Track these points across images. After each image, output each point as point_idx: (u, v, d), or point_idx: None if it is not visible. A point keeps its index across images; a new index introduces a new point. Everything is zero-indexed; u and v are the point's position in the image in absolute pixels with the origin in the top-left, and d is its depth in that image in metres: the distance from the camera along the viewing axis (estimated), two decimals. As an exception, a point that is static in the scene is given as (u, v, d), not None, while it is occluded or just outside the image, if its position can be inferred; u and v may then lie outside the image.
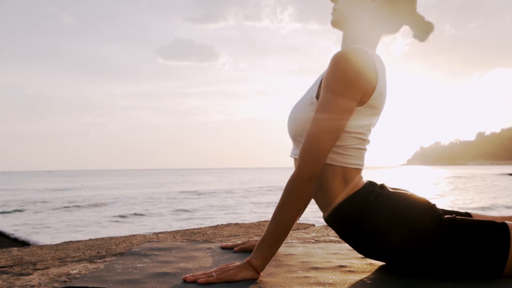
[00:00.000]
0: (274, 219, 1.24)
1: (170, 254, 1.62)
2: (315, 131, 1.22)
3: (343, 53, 1.23)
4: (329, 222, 1.38)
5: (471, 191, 28.45)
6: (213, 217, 16.07)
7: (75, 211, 18.52)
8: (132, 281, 1.22)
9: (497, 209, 17.44)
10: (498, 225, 1.21)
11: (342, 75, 1.21)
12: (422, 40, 1.39)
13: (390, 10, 1.36)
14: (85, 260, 1.57)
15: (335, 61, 1.23)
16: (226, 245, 1.75)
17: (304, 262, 1.47)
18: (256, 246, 1.25)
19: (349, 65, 1.21)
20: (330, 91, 1.22)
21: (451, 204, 19.35)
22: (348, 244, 1.37)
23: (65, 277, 1.31)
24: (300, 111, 1.35)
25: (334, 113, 1.22)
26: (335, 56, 1.24)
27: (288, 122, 1.41)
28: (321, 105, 1.23)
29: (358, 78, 1.22)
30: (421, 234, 1.22)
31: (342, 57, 1.22)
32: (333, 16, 1.42)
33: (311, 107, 1.31)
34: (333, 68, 1.23)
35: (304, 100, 1.37)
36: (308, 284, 1.19)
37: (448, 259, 1.20)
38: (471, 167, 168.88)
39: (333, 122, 1.22)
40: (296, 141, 1.39)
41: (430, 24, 1.38)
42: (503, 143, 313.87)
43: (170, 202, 22.65)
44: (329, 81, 1.23)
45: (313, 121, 1.24)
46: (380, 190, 1.32)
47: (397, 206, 1.26)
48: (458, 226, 1.22)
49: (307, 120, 1.29)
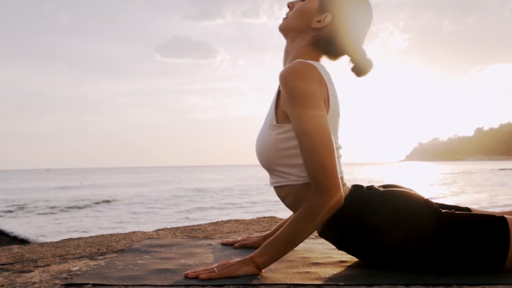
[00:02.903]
0: (289, 229, 1.22)
1: (171, 251, 1.62)
2: (311, 150, 1.20)
3: (289, 69, 1.23)
4: (324, 236, 1.38)
5: (470, 187, 28.49)
6: (213, 214, 16.08)
7: (75, 210, 18.50)
8: (133, 278, 1.22)
9: (497, 204, 17.47)
10: (497, 219, 1.21)
11: (299, 89, 1.21)
12: (359, 75, 1.39)
13: (333, 36, 1.36)
14: (86, 257, 1.57)
15: (285, 80, 1.23)
16: (226, 242, 1.75)
17: (304, 257, 1.47)
18: (263, 245, 1.24)
19: (300, 77, 1.21)
20: (299, 109, 1.21)
21: (450, 200, 19.38)
22: (348, 253, 1.36)
23: (66, 274, 1.31)
24: (266, 139, 1.33)
25: (315, 125, 1.21)
26: (284, 75, 1.24)
27: (257, 154, 1.39)
28: (299, 125, 1.22)
29: (313, 86, 1.22)
30: (420, 229, 1.22)
31: (290, 73, 1.23)
32: (282, 22, 1.43)
33: (274, 130, 1.30)
34: (287, 87, 1.23)
35: (265, 128, 1.36)
36: (309, 279, 1.19)
37: (448, 253, 1.20)
38: (470, 163, 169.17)
39: (320, 134, 1.21)
40: (271, 170, 1.37)
41: (370, 62, 1.38)
42: (501, 138, 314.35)
43: (169, 199, 22.65)
44: (291, 102, 1.22)
45: (303, 144, 1.22)
46: (368, 191, 1.32)
47: (391, 204, 1.26)
48: (457, 220, 1.22)
49: (275, 145, 1.30)
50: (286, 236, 1.22)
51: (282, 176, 1.34)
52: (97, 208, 19.13)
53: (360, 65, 1.38)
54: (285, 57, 1.43)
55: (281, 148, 1.30)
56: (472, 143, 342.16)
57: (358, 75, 1.39)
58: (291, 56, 1.39)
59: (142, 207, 18.84)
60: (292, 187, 1.32)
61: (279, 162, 1.32)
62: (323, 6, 1.35)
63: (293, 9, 1.41)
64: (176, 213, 16.68)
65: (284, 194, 1.35)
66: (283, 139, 1.29)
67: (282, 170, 1.33)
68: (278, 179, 1.35)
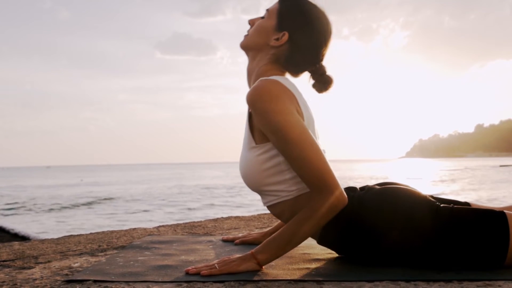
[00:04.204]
0: (292, 227, 1.22)
1: (171, 247, 1.62)
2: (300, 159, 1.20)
3: (254, 90, 1.24)
4: (323, 243, 1.38)
5: (470, 183, 28.50)
6: (213, 210, 16.10)
7: (75, 207, 18.51)
8: (134, 274, 1.23)
9: (497, 201, 17.48)
10: (496, 214, 1.21)
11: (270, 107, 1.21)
12: (319, 92, 1.39)
13: (291, 54, 1.36)
14: (87, 253, 1.58)
15: (253, 102, 1.24)
16: (227, 238, 1.75)
17: (305, 253, 1.47)
18: (265, 242, 1.24)
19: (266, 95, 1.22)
20: (275, 124, 1.21)
21: (451, 196, 19.36)
22: (348, 256, 1.35)
23: (67, 270, 1.31)
24: (248, 163, 1.33)
25: (295, 134, 1.21)
26: (250, 97, 1.24)
27: (243, 179, 1.38)
28: (280, 140, 1.22)
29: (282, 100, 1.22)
30: (419, 225, 1.22)
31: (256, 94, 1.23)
32: (243, 39, 1.43)
33: (254, 152, 1.30)
34: (257, 108, 1.23)
35: (245, 151, 1.35)
36: (309, 275, 1.19)
37: (448, 248, 1.20)
38: (470, 159, 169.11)
39: (303, 140, 1.21)
40: (261, 192, 1.37)
41: (330, 78, 1.38)
42: (502, 135, 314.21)
43: (170, 196, 22.66)
44: (265, 121, 1.22)
45: (290, 156, 1.22)
46: (362, 192, 1.33)
47: (388, 202, 1.26)
48: (456, 215, 1.22)
49: (258, 167, 1.30)
50: (288, 234, 1.22)
51: (273, 195, 1.34)
52: (98, 205, 19.14)
53: (319, 82, 1.39)
54: (248, 77, 1.43)
55: (265, 168, 1.30)
56: (472, 139, 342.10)
57: (319, 91, 1.39)
58: (254, 76, 1.39)
59: (142, 204, 18.85)
60: (285, 203, 1.32)
61: (266, 182, 1.32)
62: (280, 24, 1.36)
63: (253, 26, 1.42)
64: (176, 210, 16.69)
65: (280, 211, 1.35)
66: (265, 159, 1.30)
67: (272, 189, 1.32)
68: (270, 198, 1.35)
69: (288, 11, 1.36)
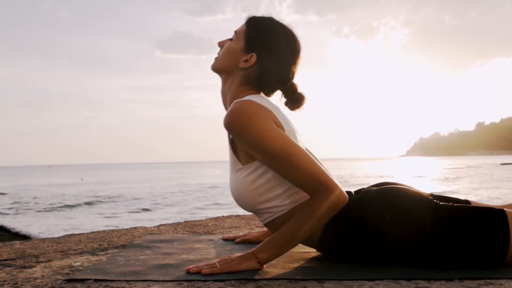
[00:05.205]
0: (292, 226, 1.22)
1: (172, 246, 1.62)
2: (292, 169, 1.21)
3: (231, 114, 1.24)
4: (322, 250, 1.38)
5: (471, 181, 28.50)
6: (214, 209, 16.11)
7: (76, 206, 18.53)
8: (135, 273, 1.23)
9: (499, 199, 17.47)
10: (496, 212, 1.21)
11: (249, 128, 1.22)
12: (292, 109, 1.39)
13: (261, 74, 1.36)
14: (88, 252, 1.58)
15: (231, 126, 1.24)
16: (228, 237, 1.75)
17: (306, 252, 1.47)
18: (266, 241, 1.24)
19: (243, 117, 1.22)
20: (258, 142, 1.21)
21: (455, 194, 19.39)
22: (349, 261, 1.34)
23: (67, 269, 1.31)
24: (238, 186, 1.34)
25: (281, 146, 1.21)
26: (228, 122, 1.25)
27: (236, 202, 1.39)
28: (267, 154, 1.22)
29: (260, 117, 1.23)
30: (419, 224, 1.22)
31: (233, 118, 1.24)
32: (214, 62, 1.44)
33: (242, 173, 1.31)
34: (236, 131, 1.24)
35: (233, 174, 1.36)
36: (311, 274, 1.19)
37: (448, 246, 1.20)
38: (471, 158, 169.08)
39: (289, 149, 1.21)
40: (255, 211, 1.37)
41: (301, 96, 1.38)
42: (502, 133, 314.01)
43: (171, 195, 22.68)
44: (248, 141, 1.23)
45: (281, 168, 1.23)
46: (357, 195, 1.33)
47: (386, 202, 1.27)
48: (455, 213, 1.22)
49: (248, 187, 1.30)
50: (289, 233, 1.22)
51: (267, 212, 1.34)
52: (99, 204, 19.15)
53: (291, 100, 1.39)
54: (223, 100, 1.44)
55: (255, 187, 1.30)
56: (473, 137, 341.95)
57: (291, 109, 1.40)
58: (228, 99, 1.39)
59: (143, 203, 18.85)
60: (282, 217, 1.32)
61: (259, 200, 1.32)
62: (248, 46, 1.36)
63: (222, 48, 1.42)
64: (177, 209, 16.70)
65: (277, 226, 1.33)
66: (253, 178, 1.30)
67: (265, 206, 1.33)
68: (265, 215, 1.35)
69: (255, 32, 1.37)
